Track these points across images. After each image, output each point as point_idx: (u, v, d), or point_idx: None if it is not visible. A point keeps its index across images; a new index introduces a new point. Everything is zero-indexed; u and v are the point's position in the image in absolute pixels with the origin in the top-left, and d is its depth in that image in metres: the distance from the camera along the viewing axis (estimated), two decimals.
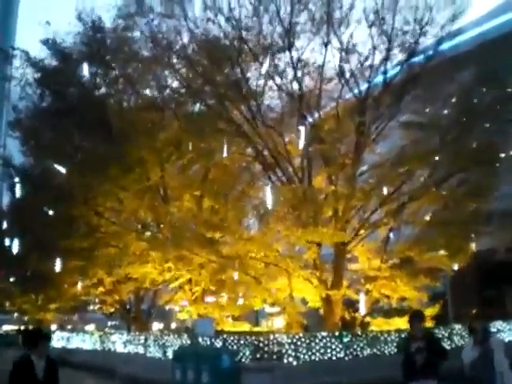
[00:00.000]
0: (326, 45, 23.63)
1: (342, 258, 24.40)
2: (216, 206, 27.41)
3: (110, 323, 68.00)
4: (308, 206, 22.82)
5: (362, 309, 24.78)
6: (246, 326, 28.47)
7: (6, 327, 76.28)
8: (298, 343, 19.00)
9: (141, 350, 27.48)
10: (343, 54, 23.67)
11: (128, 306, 40.49)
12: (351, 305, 25.08)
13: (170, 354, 23.22)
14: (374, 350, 20.57)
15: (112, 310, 42.34)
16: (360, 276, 25.09)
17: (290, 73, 24.14)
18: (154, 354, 25.41)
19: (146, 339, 27.19)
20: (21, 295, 51.97)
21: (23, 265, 40.13)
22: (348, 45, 23.35)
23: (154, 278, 31.25)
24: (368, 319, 25.37)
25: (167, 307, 51.37)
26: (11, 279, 48.53)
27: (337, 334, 20.10)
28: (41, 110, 31.74)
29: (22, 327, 62.06)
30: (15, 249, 37.85)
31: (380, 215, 24.11)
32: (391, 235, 25.29)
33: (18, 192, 34.99)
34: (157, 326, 40.97)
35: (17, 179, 35.14)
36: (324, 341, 19.46)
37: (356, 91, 24.50)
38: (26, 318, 62.52)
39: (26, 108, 32.89)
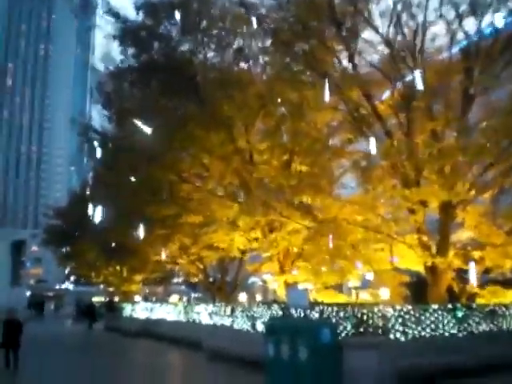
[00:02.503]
0: None
1: (449, 222, 21.95)
2: (307, 167, 25.36)
3: (193, 295, 68.18)
4: (412, 161, 20.46)
5: (472, 279, 22.26)
6: (341, 298, 26.45)
7: (94, 299, 77.74)
8: (406, 317, 16.82)
9: (227, 321, 26.02)
10: None
11: (212, 277, 39.63)
12: (459, 274, 22.57)
13: (259, 327, 21.67)
14: (491, 326, 18.15)
15: (196, 280, 41.74)
16: (469, 243, 22.54)
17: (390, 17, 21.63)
18: (242, 327, 23.84)
19: (232, 310, 25.71)
20: (106, 266, 52.35)
21: (107, 235, 39.72)
22: None
23: (241, 246, 29.95)
24: (476, 291, 22.83)
25: (250, 279, 50.82)
26: (96, 250, 48.50)
27: (449, 306, 17.77)
28: (123, 69, 30.55)
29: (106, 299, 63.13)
30: (99, 218, 37.56)
31: (492, 174, 21.38)
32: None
33: (101, 159, 34.36)
34: (243, 297, 39.67)
35: (99, 145, 34.34)
36: (435, 314, 17.20)
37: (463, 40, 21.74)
38: (111, 290, 63.45)
39: (107, 70, 32.00)
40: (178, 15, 27.45)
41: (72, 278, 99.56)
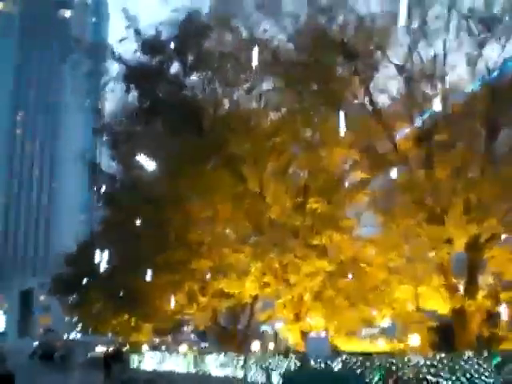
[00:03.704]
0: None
1: (477, 261, 20.55)
2: (323, 205, 24.15)
3: (203, 345, 66.44)
4: (436, 196, 19.20)
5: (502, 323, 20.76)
6: (364, 345, 24.74)
7: (100, 349, 75.91)
8: (440, 366, 15.29)
9: (240, 373, 24.48)
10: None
11: (223, 326, 38.25)
12: (488, 318, 21.01)
13: (274, 379, 20.18)
14: None
15: (205, 329, 40.35)
16: (498, 284, 21.05)
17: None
18: (256, 379, 22.36)
19: (245, 361, 24.21)
20: (113, 315, 51.04)
21: (114, 282, 38.54)
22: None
23: (252, 292, 28.53)
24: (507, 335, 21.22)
25: (262, 327, 49.28)
26: (103, 298, 47.30)
27: (485, 353, 16.19)
28: (129, 109, 29.77)
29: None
30: (105, 265, 36.62)
31: None
32: None
33: (107, 201, 33.59)
34: (255, 346, 38.13)
35: (106, 187, 33.57)
36: (470, 362, 15.61)
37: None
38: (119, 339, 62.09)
39: (113, 110, 31.36)
40: (186, 54, 26.83)
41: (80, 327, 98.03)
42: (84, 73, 29.52)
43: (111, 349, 64.02)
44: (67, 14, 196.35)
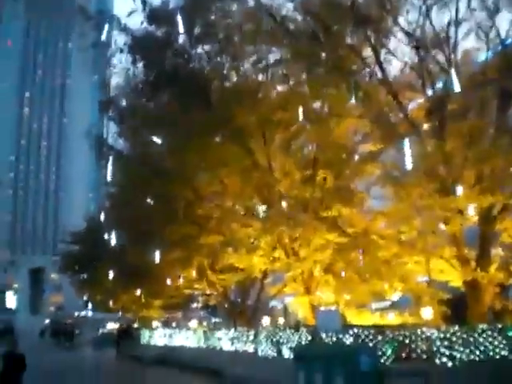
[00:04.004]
0: None
1: (490, 233, 20.13)
2: (333, 178, 23.80)
3: (214, 320, 66.72)
4: (448, 167, 18.80)
5: None
6: (375, 318, 24.48)
7: (111, 325, 76.42)
8: (453, 339, 15.01)
9: (250, 348, 24.33)
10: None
11: (233, 301, 38.16)
12: (501, 291, 20.66)
13: (285, 353, 19.97)
14: None
15: (215, 303, 40.30)
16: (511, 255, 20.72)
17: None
18: (267, 353, 22.14)
19: (256, 335, 24.04)
20: (123, 292, 51.16)
21: (123, 259, 38.48)
22: None
23: (262, 267, 28.34)
24: None
25: (271, 303, 49.21)
26: (113, 275, 47.31)
27: (499, 326, 15.90)
28: (135, 82, 29.31)
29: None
30: (114, 242, 36.52)
31: None
32: None
33: (115, 178, 33.27)
34: (265, 321, 38.00)
35: (113, 162, 33.18)
36: (484, 335, 15.33)
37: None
38: (130, 316, 62.37)
39: (119, 84, 30.90)
40: (193, 25, 26.26)
41: (90, 305, 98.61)
42: (90, 44, 28.91)
43: (122, 325, 64.49)
44: None
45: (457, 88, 18.97)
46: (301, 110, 23.06)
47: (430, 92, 21.04)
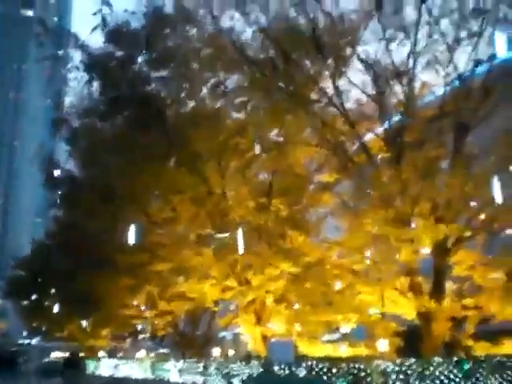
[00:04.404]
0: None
1: (444, 265, 20.06)
2: (289, 207, 23.55)
3: (161, 350, 65.51)
4: (404, 196, 18.74)
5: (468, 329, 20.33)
6: (329, 350, 23.98)
7: (56, 354, 74.08)
8: (409, 372, 14.72)
9: (200, 380, 23.67)
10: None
11: (182, 331, 37.42)
12: (455, 324, 20.54)
13: None
14: (501, 380, 16.06)
15: (164, 333, 39.41)
16: (465, 289, 20.65)
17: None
18: None
19: (205, 367, 23.39)
20: (69, 320, 49.71)
21: (70, 286, 37.30)
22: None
23: (214, 296, 27.71)
24: (470, 343, 20.80)
25: (221, 334, 48.51)
26: (59, 303, 45.92)
27: (455, 359, 15.69)
28: (89, 102, 28.61)
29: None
30: (61, 267, 35.47)
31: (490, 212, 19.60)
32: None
33: (64, 201, 32.39)
34: (216, 352, 37.35)
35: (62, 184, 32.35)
36: (440, 368, 15.08)
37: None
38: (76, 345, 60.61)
39: (73, 103, 30.17)
40: (152, 48, 25.89)
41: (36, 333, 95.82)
42: (46, 56, 28.28)
43: (69, 354, 62.64)
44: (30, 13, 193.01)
45: (414, 120, 19.14)
46: (257, 137, 22.89)
47: (387, 123, 21.05)
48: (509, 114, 19.91)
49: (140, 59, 26.50)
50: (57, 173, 33.55)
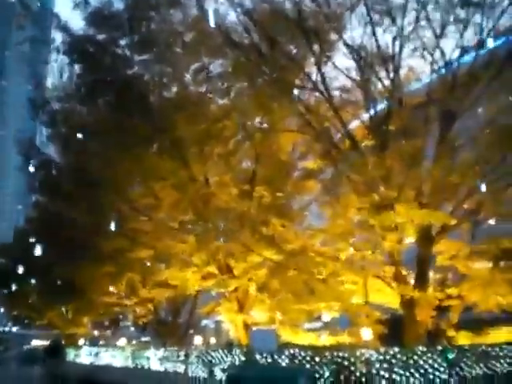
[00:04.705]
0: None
1: (428, 253, 19.91)
2: (272, 194, 23.27)
3: (143, 339, 65.50)
4: (388, 183, 18.51)
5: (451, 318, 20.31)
6: (311, 338, 23.75)
7: (36, 342, 73.76)
8: (393, 361, 14.52)
9: (181, 368, 23.32)
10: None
11: (163, 319, 37.17)
12: (439, 313, 20.44)
13: (218, 374, 19.08)
14: (485, 369, 15.95)
15: (146, 321, 39.19)
16: (448, 277, 20.59)
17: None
18: (198, 374, 21.20)
19: (187, 355, 23.05)
20: (49, 307, 49.30)
21: (50, 272, 36.86)
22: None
23: (195, 284, 27.40)
24: (452, 333, 20.74)
25: (203, 322, 48.32)
26: (38, 289, 45.49)
27: (439, 348, 15.54)
28: (70, 85, 28.05)
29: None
30: (40, 253, 34.96)
31: (476, 200, 19.47)
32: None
33: (44, 185, 31.86)
34: (197, 340, 37.10)
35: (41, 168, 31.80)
36: (424, 357, 14.92)
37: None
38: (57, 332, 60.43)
39: (53, 85, 29.63)
40: (134, 31, 25.29)
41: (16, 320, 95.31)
42: (27, 38, 27.62)
43: (50, 342, 62.31)
44: None
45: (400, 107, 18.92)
46: (241, 123, 22.59)
47: (372, 110, 20.79)
48: (495, 103, 19.84)
49: (122, 42, 25.86)
50: (36, 157, 32.97)
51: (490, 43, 19.57)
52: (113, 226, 25.37)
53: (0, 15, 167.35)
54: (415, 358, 14.79)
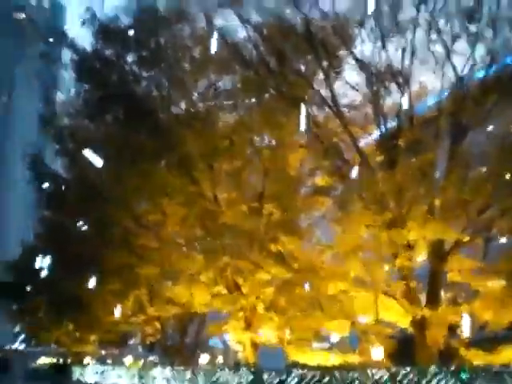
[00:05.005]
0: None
1: (440, 270, 19.48)
2: (281, 211, 23.04)
3: (151, 358, 65.07)
4: (399, 198, 18.26)
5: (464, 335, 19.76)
6: (320, 358, 23.12)
7: (43, 360, 73.32)
8: (404, 381, 14.14)
9: None
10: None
11: (170, 338, 36.81)
12: (451, 332, 19.96)
13: None
14: None
15: (153, 340, 38.85)
16: (461, 295, 20.13)
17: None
18: None
19: (193, 375, 22.76)
20: (56, 324, 48.92)
21: (57, 289, 36.62)
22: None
23: (202, 302, 27.04)
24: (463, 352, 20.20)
25: (211, 341, 47.82)
26: (45, 306, 45.17)
27: (453, 368, 15.11)
28: (79, 101, 28.08)
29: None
30: (47, 269, 34.83)
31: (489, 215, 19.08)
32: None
33: (51, 200, 31.83)
34: (204, 360, 36.78)
35: (48, 184, 31.78)
36: (437, 378, 14.50)
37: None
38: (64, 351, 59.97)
39: (62, 101, 29.73)
40: (143, 47, 25.34)
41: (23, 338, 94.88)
42: (37, 54, 27.75)
43: (57, 360, 61.99)
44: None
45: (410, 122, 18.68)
46: (249, 139, 22.47)
47: (382, 125, 20.57)
48: (506, 118, 19.56)
49: (130, 58, 25.89)
50: (44, 172, 33.05)
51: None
52: (120, 242, 25.22)
53: (10, 31, 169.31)
54: (428, 377, 14.38)
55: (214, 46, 22.53)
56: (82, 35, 26.64)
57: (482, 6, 18.83)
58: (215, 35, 22.35)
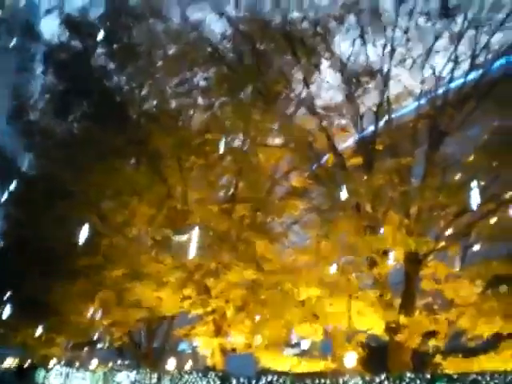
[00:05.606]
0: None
1: (415, 276, 19.04)
2: (253, 211, 22.49)
3: (119, 362, 64.01)
4: (375, 203, 17.83)
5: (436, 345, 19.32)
6: (291, 363, 22.32)
7: (9, 362, 71.72)
8: None
9: None
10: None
11: (138, 342, 35.97)
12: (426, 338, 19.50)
13: None
14: None
15: (121, 344, 37.98)
16: (436, 302, 19.71)
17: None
18: None
19: (159, 379, 22.03)
20: (22, 326, 47.68)
21: (22, 290, 35.57)
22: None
23: (170, 306, 26.28)
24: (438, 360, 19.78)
25: (180, 345, 47.06)
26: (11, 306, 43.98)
27: (428, 376, 14.60)
28: (45, 97, 27.36)
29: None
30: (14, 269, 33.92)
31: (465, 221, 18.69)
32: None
33: (14, 195, 30.99)
34: (171, 364, 35.90)
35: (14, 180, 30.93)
36: None
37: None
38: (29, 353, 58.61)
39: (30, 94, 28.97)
40: (113, 41, 24.62)
41: None
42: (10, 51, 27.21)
43: (21, 362, 60.53)
44: None
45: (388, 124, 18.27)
46: (222, 137, 21.85)
47: (360, 127, 20.14)
48: (485, 122, 19.23)
49: (99, 51, 25.15)
50: (9, 168, 32.18)
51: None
52: (84, 242, 24.34)
53: None
54: None
55: (188, 43, 22.11)
56: (52, 28, 25.99)
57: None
58: (190, 30, 21.90)
